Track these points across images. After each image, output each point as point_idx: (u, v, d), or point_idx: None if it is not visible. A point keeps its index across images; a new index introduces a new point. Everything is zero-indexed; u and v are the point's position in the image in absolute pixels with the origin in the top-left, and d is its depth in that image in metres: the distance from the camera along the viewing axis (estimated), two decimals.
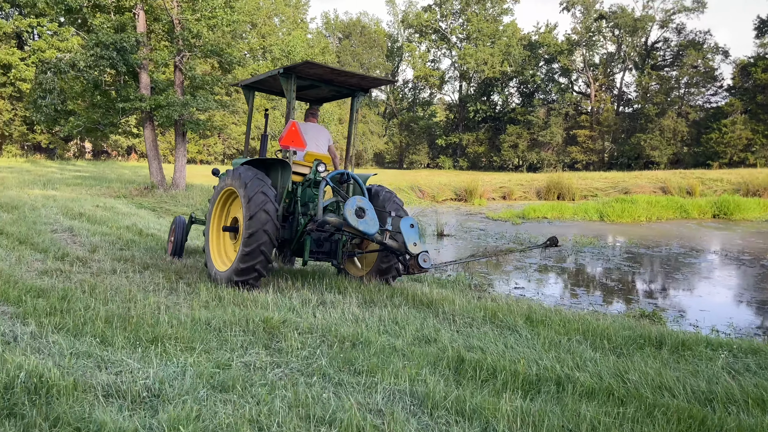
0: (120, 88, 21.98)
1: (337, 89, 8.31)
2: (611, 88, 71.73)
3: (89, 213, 14.66)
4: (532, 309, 6.79)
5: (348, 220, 6.56)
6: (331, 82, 7.93)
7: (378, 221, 6.77)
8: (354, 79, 7.88)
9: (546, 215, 22.60)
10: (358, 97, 8.36)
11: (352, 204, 6.65)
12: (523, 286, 11.36)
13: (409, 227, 6.76)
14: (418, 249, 6.61)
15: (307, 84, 8.05)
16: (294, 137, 7.42)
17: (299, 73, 7.57)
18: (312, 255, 7.71)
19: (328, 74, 7.63)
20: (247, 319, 5.69)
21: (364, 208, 6.66)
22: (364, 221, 6.61)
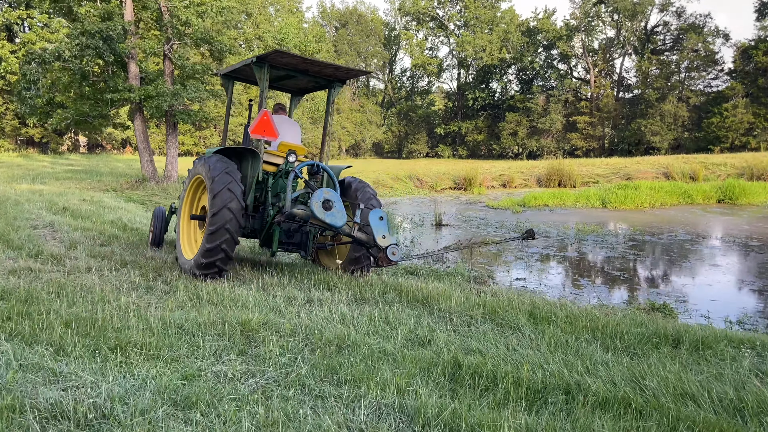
0: (108, 78, 21.41)
1: (314, 80, 8.15)
2: (611, 73, 70.96)
3: (74, 207, 14.17)
4: (536, 304, 6.29)
5: (314, 213, 6.49)
6: (306, 72, 7.78)
7: (345, 214, 6.69)
8: (328, 70, 7.73)
9: (547, 203, 22.07)
10: (334, 88, 8.20)
11: (319, 196, 6.54)
12: (525, 277, 10.87)
13: (378, 220, 6.65)
14: (387, 242, 6.51)
15: (284, 74, 7.93)
16: (266, 127, 7.27)
17: (272, 63, 7.44)
18: (282, 246, 7.66)
19: (300, 64, 7.51)
20: (224, 321, 5.20)
21: (332, 201, 6.58)
22: (331, 213, 6.54)
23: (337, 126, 71.52)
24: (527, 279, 10.75)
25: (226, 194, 6.77)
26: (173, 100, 20.44)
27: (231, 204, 6.76)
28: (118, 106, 22.07)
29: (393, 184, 28.99)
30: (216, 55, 21.96)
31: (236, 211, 6.80)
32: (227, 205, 6.73)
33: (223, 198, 6.74)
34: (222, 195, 6.75)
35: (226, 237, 6.74)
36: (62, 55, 18.96)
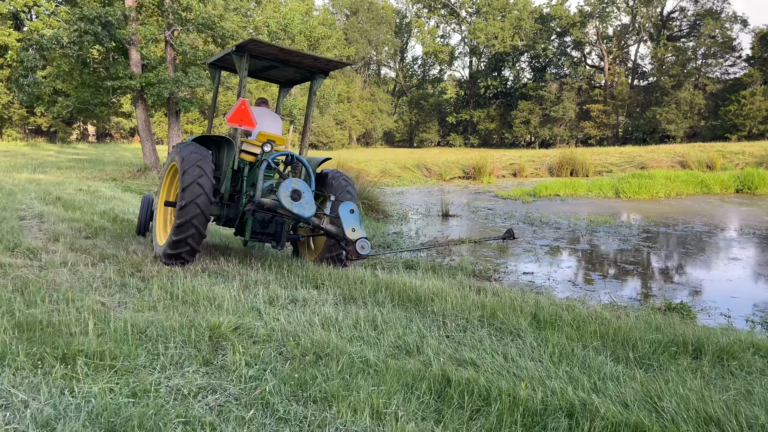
0: (109, 65, 20.97)
1: (297, 71, 8.06)
2: (625, 60, 69.73)
3: (67, 197, 13.77)
4: (540, 305, 5.74)
5: (282, 203, 6.45)
6: (288, 62, 7.72)
7: (314, 205, 6.62)
8: (308, 60, 7.66)
9: (558, 192, 21.40)
10: (316, 79, 8.10)
11: (287, 186, 6.50)
12: (533, 272, 10.31)
13: (348, 212, 6.61)
14: (357, 235, 6.46)
15: (267, 64, 7.90)
16: (243, 116, 7.23)
17: (251, 52, 7.38)
18: (256, 236, 7.67)
19: (279, 54, 7.47)
20: (194, 324, 4.70)
21: (300, 191, 6.53)
22: (299, 204, 6.49)
23: (348, 115, 70.95)
24: (535, 273, 10.19)
25: (195, 171, 6.79)
26: (174, 87, 19.97)
27: (201, 179, 6.77)
28: (119, 94, 21.60)
29: (400, 174, 28.40)
30: (219, 41, 21.42)
31: (206, 187, 6.79)
32: (197, 180, 6.75)
33: (192, 174, 6.77)
34: (191, 171, 6.78)
35: (196, 212, 6.73)
36: (60, 41, 18.50)
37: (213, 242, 9.47)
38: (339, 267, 7.45)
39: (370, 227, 14.11)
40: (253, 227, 7.55)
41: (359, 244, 6.32)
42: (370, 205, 16.08)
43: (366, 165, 27.72)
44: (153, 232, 7.69)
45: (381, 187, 24.14)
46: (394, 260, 10.41)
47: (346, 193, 7.60)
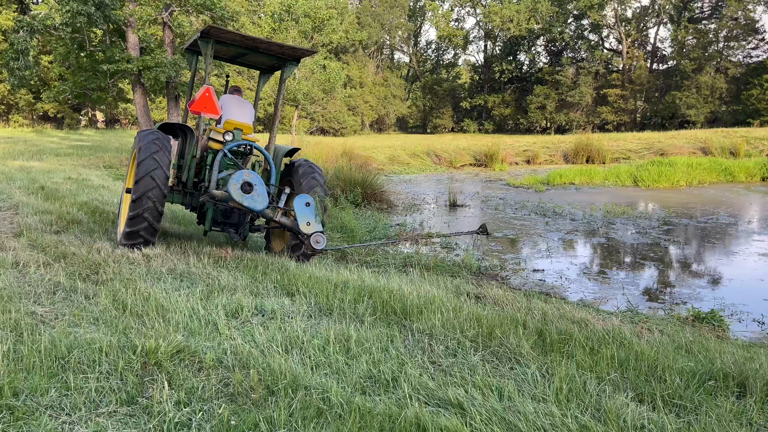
0: (105, 48, 20.19)
1: (269, 58, 7.86)
2: (644, 44, 67.95)
3: (53, 187, 13.09)
4: (547, 318, 4.89)
5: (231, 195, 6.37)
6: (257, 49, 7.61)
7: (267, 197, 6.53)
8: (275, 47, 7.54)
9: (573, 181, 20.40)
10: (287, 67, 7.89)
11: (238, 178, 6.40)
12: (544, 269, 9.46)
13: (303, 206, 6.54)
14: (312, 229, 6.40)
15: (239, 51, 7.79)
16: (207, 103, 7.06)
17: (217, 38, 7.30)
18: (217, 225, 7.69)
19: (243, 41, 7.41)
20: (127, 347, 3.92)
21: (252, 183, 6.42)
22: (250, 197, 6.40)
23: (360, 100, 69.91)
24: (546, 271, 9.34)
25: (149, 163, 6.72)
26: (172, 71, 19.18)
27: (155, 172, 6.70)
28: (116, 78, 20.84)
29: (409, 161, 27.46)
30: (218, 22, 20.55)
31: (160, 180, 6.72)
32: (150, 173, 6.69)
33: (147, 166, 6.70)
34: (146, 163, 6.71)
35: (149, 205, 6.66)
36: (53, 23, 17.75)
37: (191, 234, 8.71)
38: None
39: (371, 218, 13.30)
40: (215, 217, 7.56)
41: (314, 238, 6.24)
42: (373, 195, 15.25)
43: (374, 152, 26.84)
44: (118, 220, 7.54)
45: (388, 174, 23.30)
46: (392, 255, 9.60)
47: (312, 180, 7.45)
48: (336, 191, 14.65)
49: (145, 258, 6.72)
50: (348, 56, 71.48)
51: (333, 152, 20.88)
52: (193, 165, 7.63)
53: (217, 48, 7.56)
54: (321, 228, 6.47)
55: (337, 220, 12.18)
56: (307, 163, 7.77)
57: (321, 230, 6.42)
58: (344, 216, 12.47)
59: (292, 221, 6.64)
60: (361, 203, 14.63)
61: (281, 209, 6.78)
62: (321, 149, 20.87)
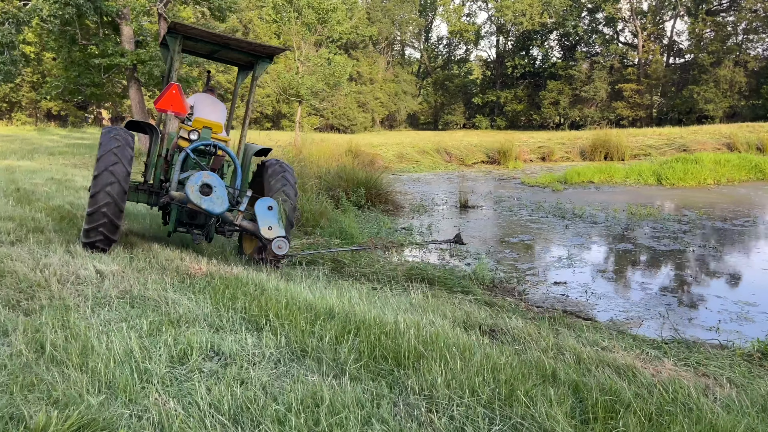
0: (98, 42, 19.25)
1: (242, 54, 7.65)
2: (661, 37, 66.29)
3: (29, 188, 12.16)
4: (582, 361, 3.78)
5: (189, 197, 6.18)
6: (227, 45, 7.39)
7: (227, 200, 6.33)
8: (244, 45, 7.38)
9: (592, 179, 19.18)
10: (260, 64, 7.65)
11: (197, 180, 6.24)
12: (566, 281, 8.36)
13: (265, 209, 6.34)
14: (273, 234, 6.22)
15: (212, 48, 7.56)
16: (174, 100, 6.82)
17: (185, 34, 7.09)
18: (183, 226, 7.46)
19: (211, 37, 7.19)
20: (2, 418, 2.87)
21: (211, 185, 6.26)
22: (209, 199, 6.22)
23: (370, 97, 68.90)
24: (569, 283, 8.23)
25: (109, 158, 6.54)
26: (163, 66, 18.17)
27: (114, 167, 6.51)
28: (110, 73, 19.90)
29: (418, 158, 26.28)
30: (216, 14, 19.56)
31: (120, 175, 6.51)
32: (109, 168, 6.49)
33: (106, 161, 6.52)
34: (105, 159, 6.54)
35: (107, 200, 6.43)
36: (39, 14, 16.81)
37: (170, 240, 7.69)
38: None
39: (375, 222, 12.23)
40: (180, 218, 7.30)
41: (275, 243, 6.04)
42: (378, 195, 14.17)
43: (381, 149, 25.71)
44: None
45: (395, 173, 22.20)
46: (395, 265, 8.51)
47: (281, 179, 7.23)
48: (338, 192, 13.59)
49: (97, 276, 5.69)
50: (358, 52, 70.42)
51: (338, 150, 19.81)
52: (159, 164, 7.44)
53: (190, 44, 7.47)
54: (284, 233, 6.27)
55: (337, 224, 11.13)
56: (278, 163, 7.53)
57: (283, 235, 6.21)
58: (345, 219, 11.41)
59: (254, 225, 6.36)
60: (364, 205, 13.57)
61: (242, 213, 6.45)
62: (325, 147, 19.79)
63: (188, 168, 7.24)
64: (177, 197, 6.49)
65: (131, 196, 7.32)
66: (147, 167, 7.67)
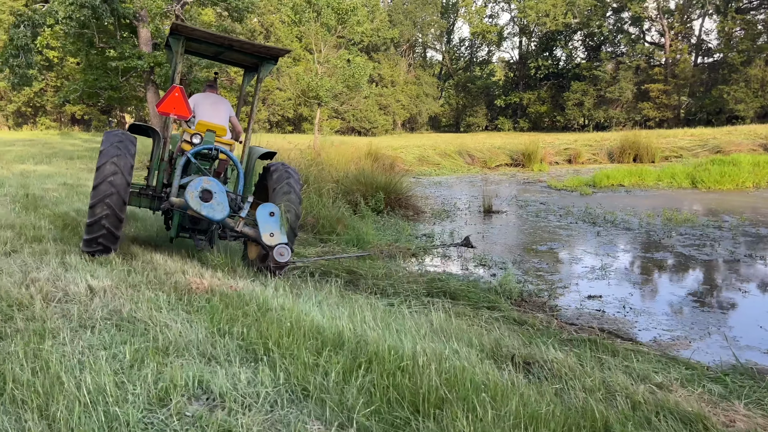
0: (116, 45, 18.95)
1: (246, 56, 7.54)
2: (689, 36, 64.83)
3: (40, 194, 11.80)
4: (636, 406, 3.15)
5: (189, 203, 6.07)
6: (231, 47, 7.23)
7: (227, 206, 6.21)
8: (247, 46, 7.25)
9: (622, 182, 18.37)
10: (264, 66, 7.50)
11: (197, 185, 6.11)
12: (601, 294, 7.70)
13: (267, 216, 6.19)
14: (275, 240, 6.07)
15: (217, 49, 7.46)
16: (176, 104, 6.71)
17: (188, 36, 6.93)
18: (185, 231, 7.33)
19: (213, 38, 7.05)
20: None
21: (212, 191, 6.14)
22: (209, 205, 6.10)
23: (392, 99, 68.39)
24: (604, 298, 7.58)
25: (109, 168, 6.37)
26: (183, 67, 17.79)
27: (113, 178, 6.34)
28: (127, 76, 19.59)
29: (440, 161, 25.61)
30: (234, 14, 19.15)
31: (120, 186, 6.35)
32: (109, 179, 6.34)
33: (105, 171, 6.36)
34: (105, 168, 6.37)
35: (106, 212, 6.32)
36: (55, 16, 16.52)
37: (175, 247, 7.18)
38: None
39: (394, 228, 11.65)
40: (182, 223, 7.15)
41: (277, 251, 5.91)
42: (398, 200, 13.58)
43: (402, 152, 25.11)
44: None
45: (416, 176, 21.60)
46: (415, 276, 7.91)
47: (285, 186, 7.03)
48: (356, 196, 13.03)
49: (87, 293, 5.19)
50: (379, 55, 69.94)
51: (357, 153, 19.25)
52: (162, 168, 7.27)
53: (193, 45, 7.34)
54: (285, 239, 6.09)
55: (355, 230, 10.57)
56: (283, 167, 7.34)
57: (285, 242, 6.03)
58: (363, 226, 10.85)
59: (256, 231, 6.20)
60: (384, 210, 12.99)
61: (243, 219, 6.30)
62: (344, 150, 19.25)
63: (191, 173, 7.04)
64: (177, 203, 6.41)
65: (133, 200, 7.23)
66: (150, 171, 7.59)
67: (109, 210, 6.33)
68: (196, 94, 7.86)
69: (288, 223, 6.67)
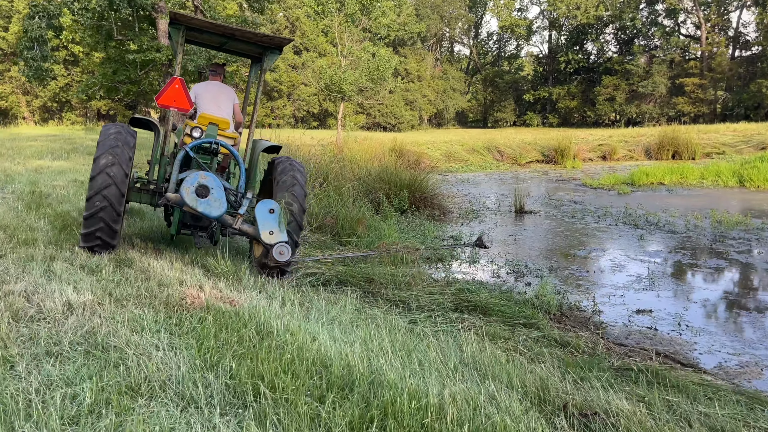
0: (134, 37, 18.45)
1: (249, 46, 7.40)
2: (726, 29, 62.77)
3: (48, 191, 11.30)
4: None
5: (184, 199, 5.83)
6: (233, 36, 7.10)
7: (225, 202, 5.95)
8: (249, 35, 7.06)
9: (662, 180, 17.32)
10: (268, 56, 7.40)
11: (193, 181, 5.88)
12: (651, 309, 6.85)
13: (267, 213, 5.98)
14: (275, 239, 5.86)
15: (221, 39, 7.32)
16: (177, 96, 6.57)
17: (188, 25, 6.82)
18: (187, 228, 7.08)
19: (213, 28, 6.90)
20: None
21: (209, 187, 5.89)
22: (205, 201, 5.86)
23: (418, 94, 67.54)
24: (654, 312, 6.73)
25: (106, 159, 6.20)
26: (201, 59, 17.24)
27: (111, 169, 6.15)
28: (146, 69, 19.09)
29: (467, 157, 24.70)
30: (255, 5, 18.50)
31: (117, 178, 6.16)
32: (105, 170, 6.15)
33: (102, 163, 6.18)
34: (101, 160, 6.21)
35: (103, 204, 6.14)
36: (71, 7, 16.03)
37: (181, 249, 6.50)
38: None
39: (419, 229, 10.87)
40: (183, 219, 6.91)
41: (277, 249, 5.72)
42: (423, 199, 12.79)
43: (428, 148, 24.26)
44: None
45: (443, 173, 20.75)
46: (440, 286, 7.13)
47: (290, 178, 6.76)
48: (378, 195, 12.27)
49: (64, 310, 4.52)
50: (406, 49, 69.12)
51: (381, 149, 18.48)
52: (163, 163, 7.06)
53: (196, 35, 7.22)
54: (286, 238, 5.88)
55: (377, 232, 9.82)
56: (288, 160, 7.11)
57: (285, 240, 5.84)
58: (385, 227, 10.10)
59: (255, 229, 5.97)
60: (408, 209, 12.21)
61: (241, 216, 6.10)
62: (367, 146, 18.49)
63: (193, 168, 6.83)
64: (173, 199, 6.17)
65: (133, 196, 7.07)
66: (151, 166, 7.41)
67: (107, 202, 6.13)
68: (196, 84, 7.63)
69: (293, 217, 6.44)
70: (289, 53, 57.90)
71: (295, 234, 6.57)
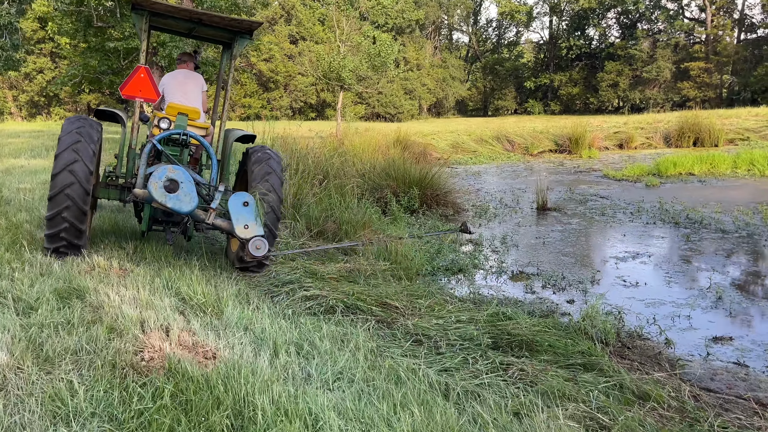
0: (116, 23, 17.07)
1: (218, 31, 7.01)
2: (731, 11, 61.42)
3: (11, 196, 10.06)
4: None
5: (152, 194, 5.49)
6: (200, 22, 6.70)
7: (196, 197, 5.61)
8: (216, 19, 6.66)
9: (692, 170, 15.98)
10: (238, 41, 7.04)
11: (160, 175, 5.53)
12: (731, 336, 5.57)
13: (240, 206, 5.63)
14: (250, 233, 5.53)
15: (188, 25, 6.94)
16: (142, 86, 6.29)
17: (152, 10, 6.39)
18: (158, 224, 6.71)
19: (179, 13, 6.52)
20: None
21: (178, 181, 5.56)
22: (175, 196, 5.53)
23: (418, 83, 66.20)
24: (736, 341, 5.47)
25: (68, 156, 5.78)
26: (188, 47, 15.88)
27: (73, 166, 5.75)
28: (131, 59, 17.72)
29: (476, 148, 23.32)
30: None
31: (81, 175, 5.75)
32: (68, 168, 5.76)
33: (64, 159, 5.77)
34: (63, 156, 5.77)
35: (67, 203, 5.78)
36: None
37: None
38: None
39: (432, 230, 9.54)
40: (154, 215, 6.56)
41: (253, 244, 5.41)
42: (434, 197, 11.48)
43: (433, 139, 22.90)
44: None
45: (452, 166, 19.40)
46: (470, 311, 5.82)
47: (265, 166, 6.54)
48: (385, 194, 10.95)
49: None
50: (404, 37, 67.61)
51: (384, 140, 17.12)
52: (131, 156, 6.77)
53: (161, 21, 6.85)
54: (261, 231, 5.59)
55: (385, 235, 8.50)
56: (262, 149, 6.88)
57: (261, 234, 5.56)
58: (394, 231, 8.80)
59: (230, 224, 5.66)
60: (419, 209, 10.91)
61: (214, 210, 5.76)
62: (369, 137, 17.11)
63: (163, 161, 6.40)
64: (141, 195, 5.85)
65: (102, 192, 6.71)
66: (119, 160, 7.10)
67: (70, 201, 5.83)
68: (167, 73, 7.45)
69: (269, 206, 6.18)
70: (285, 42, 56.44)
71: (272, 225, 6.31)
